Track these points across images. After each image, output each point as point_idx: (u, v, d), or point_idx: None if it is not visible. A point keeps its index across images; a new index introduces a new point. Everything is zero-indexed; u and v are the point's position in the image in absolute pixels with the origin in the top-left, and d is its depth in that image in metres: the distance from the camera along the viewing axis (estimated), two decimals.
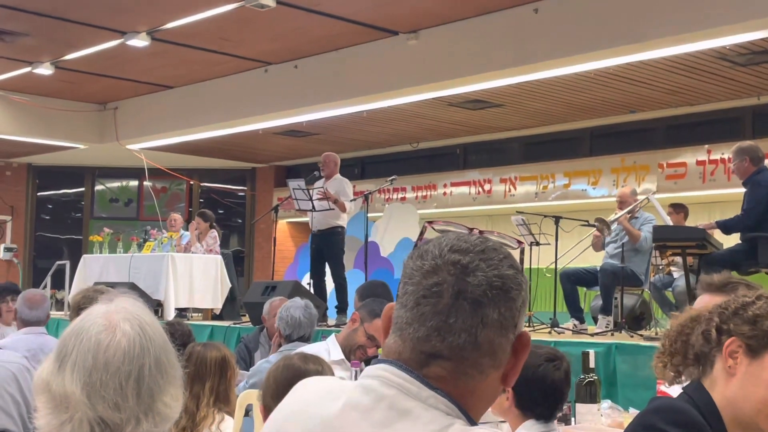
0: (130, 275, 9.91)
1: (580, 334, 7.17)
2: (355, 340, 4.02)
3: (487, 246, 1.25)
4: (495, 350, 1.22)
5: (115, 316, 1.45)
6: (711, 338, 1.80)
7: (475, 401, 1.23)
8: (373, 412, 1.19)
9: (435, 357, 1.21)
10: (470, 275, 1.21)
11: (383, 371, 1.23)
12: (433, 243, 1.26)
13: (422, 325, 1.21)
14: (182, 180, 16.42)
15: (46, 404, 1.42)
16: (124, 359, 1.41)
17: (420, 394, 1.19)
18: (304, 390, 1.32)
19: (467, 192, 13.36)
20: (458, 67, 9.58)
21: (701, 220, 8.36)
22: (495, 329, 1.21)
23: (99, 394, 1.38)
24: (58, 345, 1.45)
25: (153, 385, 1.42)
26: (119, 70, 11.93)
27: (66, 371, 1.39)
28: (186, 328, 4.93)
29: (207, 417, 3.39)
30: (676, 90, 10.15)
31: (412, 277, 1.24)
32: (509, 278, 1.23)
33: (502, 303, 1.21)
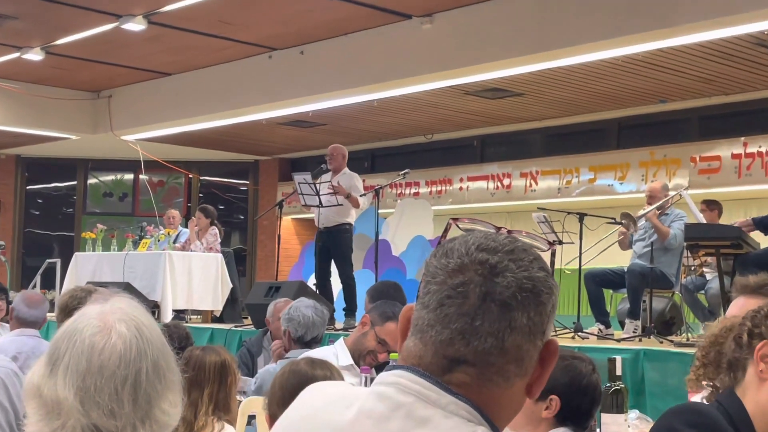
0: (125, 274, 9.94)
1: (605, 340, 7.16)
2: (365, 345, 4.01)
3: (517, 246, 1.24)
4: (522, 357, 1.21)
5: (111, 316, 1.44)
6: (743, 343, 1.83)
7: (499, 410, 1.23)
8: (388, 421, 1.19)
9: (459, 362, 1.20)
10: (499, 276, 1.20)
11: (399, 378, 1.22)
12: (459, 241, 1.26)
13: (445, 328, 1.20)
14: (180, 173, 16.46)
15: (37, 410, 1.41)
16: (119, 363, 1.40)
17: (440, 401, 1.19)
18: (314, 395, 1.32)
19: (485, 187, 13.34)
20: (476, 53, 9.56)
21: (736, 217, 8.32)
22: (523, 334, 1.20)
23: (93, 399, 1.38)
24: (50, 347, 1.45)
25: (150, 391, 1.42)
26: (114, 56, 11.96)
27: (58, 375, 1.39)
28: (184, 331, 4.94)
29: (206, 426, 3.40)
30: (710, 78, 10.11)
31: (435, 276, 1.23)
32: (540, 281, 1.22)
33: (532, 307, 1.21)
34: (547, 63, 9.41)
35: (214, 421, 3.44)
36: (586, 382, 2.59)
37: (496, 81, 10.34)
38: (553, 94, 11.07)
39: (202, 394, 3.41)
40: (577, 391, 2.55)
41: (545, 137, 13.04)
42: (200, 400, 3.40)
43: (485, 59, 9.52)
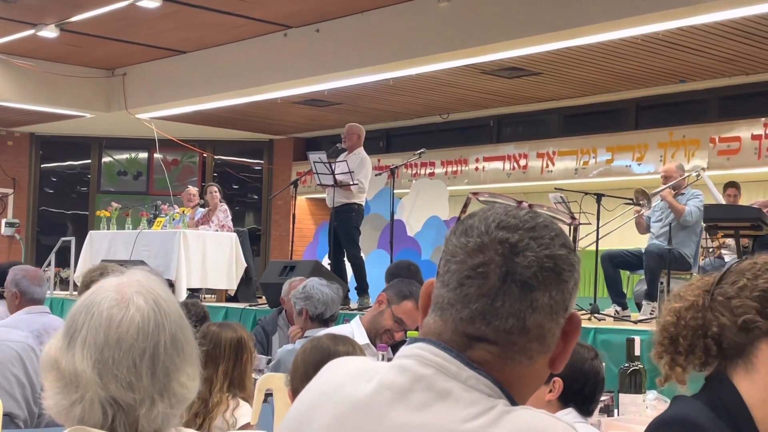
0: (140, 253, 9.98)
1: (622, 321, 7.15)
2: (382, 324, 4.02)
3: (538, 222, 1.23)
4: (544, 335, 1.21)
5: (128, 289, 1.45)
6: (752, 326, 1.72)
7: (522, 387, 1.23)
8: (409, 393, 1.19)
9: (479, 340, 1.20)
10: (519, 255, 1.20)
11: (420, 350, 1.22)
12: (479, 218, 1.25)
13: (465, 307, 1.20)
14: (195, 152, 16.48)
15: (54, 383, 1.43)
16: (138, 336, 1.40)
17: (460, 374, 1.19)
18: (335, 370, 1.32)
19: (501, 167, 13.30)
20: (493, 32, 9.51)
21: (756, 199, 8.28)
22: (545, 314, 1.20)
23: (111, 372, 1.39)
24: (68, 320, 1.46)
25: (169, 364, 1.42)
26: (129, 34, 11.96)
27: (76, 348, 1.40)
28: (202, 310, 4.97)
29: (221, 403, 3.41)
30: (731, 58, 10.02)
31: (455, 255, 1.23)
32: (561, 259, 1.22)
33: (554, 286, 1.21)
34: (565, 42, 9.35)
35: (229, 399, 3.46)
36: (588, 366, 2.68)
37: (514, 60, 10.29)
38: (571, 73, 11.00)
39: (216, 370, 3.42)
40: (578, 375, 2.64)
41: (562, 117, 12.98)
42: (215, 376, 3.41)
43: (502, 38, 9.47)
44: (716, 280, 1.80)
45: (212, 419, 3.34)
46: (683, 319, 1.78)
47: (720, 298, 1.76)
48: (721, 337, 1.74)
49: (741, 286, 1.75)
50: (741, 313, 1.73)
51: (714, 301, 1.77)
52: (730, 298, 1.75)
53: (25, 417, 3.61)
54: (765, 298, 1.72)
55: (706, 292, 1.79)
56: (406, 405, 1.18)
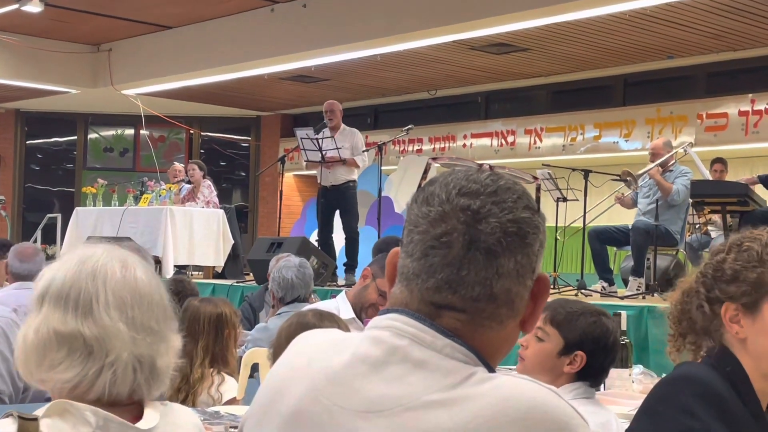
0: (126, 229, 9.94)
1: (609, 297, 7.17)
2: (367, 298, 4.00)
3: (500, 186, 1.21)
4: (513, 299, 1.20)
5: (119, 253, 1.55)
6: (707, 312, 1.78)
7: (494, 351, 1.22)
8: (385, 365, 1.17)
9: (447, 308, 1.19)
10: (482, 222, 1.18)
11: (393, 321, 1.21)
12: (439, 184, 1.22)
13: (431, 277, 1.19)
14: (181, 129, 16.41)
15: (68, 356, 1.45)
16: (151, 289, 1.53)
17: (435, 343, 1.17)
18: (306, 343, 1.30)
19: (489, 144, 13.30)
20: (481, 7, 9.47)
21: (743, 175, 8.30)
22: (511, 278, 1.19)
23: (143, 327, 1.49)
24: (65, 294, 1.48)
25: (169, 314, 1.55)
26: (114, 9, 11.86)
27: (99, 313, 1.46)
28: (193, 287, 4.97)
29: (205, 378, 3.40)
30: (719, 33, 10.01)
31: (417, 225, 1.21)
32: (525, 222, 1.20)
33: (519, 250, 1.19)
34: (553, 17, 9.32)
35: (213, 374, 3.45)
36: (613, 339, 2.56)
37: (502, 36, 10.26)
38: (559, 49, 10.98)
39: (196, 345, 3.41)
40: (603, 349, 2.52)
41: (550, 93, 12.97)
42: (195, 351, 3.40)
43: (490, 14, 9.43)
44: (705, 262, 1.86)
45: (196, 395, 3.33)
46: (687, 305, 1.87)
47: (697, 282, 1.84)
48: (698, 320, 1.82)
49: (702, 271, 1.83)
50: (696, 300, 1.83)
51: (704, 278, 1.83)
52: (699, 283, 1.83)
53: (10, 392, 3.60)
54: (709, 283, 1.80)
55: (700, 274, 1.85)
56: (382, 377, 1.17)
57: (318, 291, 6.81)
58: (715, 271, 1.78)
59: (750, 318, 1.74)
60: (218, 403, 3.32)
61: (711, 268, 1.79)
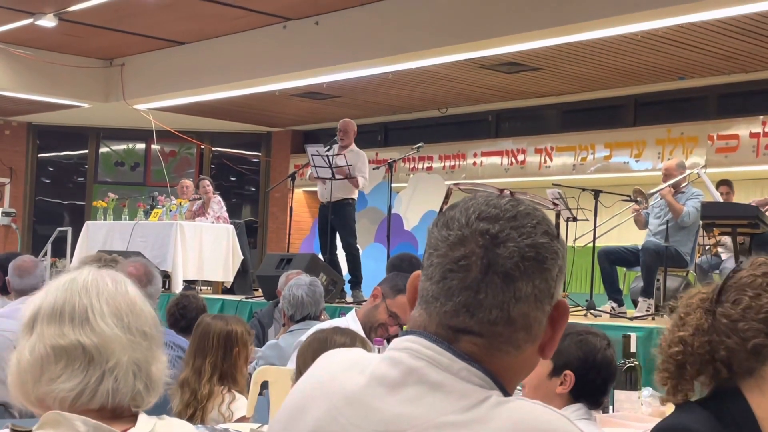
0: (136, 244, 9.97)
1: (618, 318, 7.15)
2: (377, 318, 4.00)
3: (519, 211, 1.22)
4: (530, 324, 1.21)
5: (107, 272, 1.62)
6: (763, 350, 1.67)
7: (511, 376, 1.23)
8: (401, 386, 1.18)
9: (464, 332, 1.20)
10: (500, 246, 1.19)
11: (412, 343, 1.22)
12: (460, 209, 1.24)
13: (449, 300, 1.20)
14: (192, 144, 16.45)
15: (67, 368, 1.48)
16: (141, 302, 1.59)
17: (452, 366, 1.18)
18: (327, 362, 1.32)
19: (499, 162, 13.29)
20: (492, 27, 9.49)
21: (753, 197, 8.28)
22: (529, 303, 1.20)
23: (139, 331, 1.54)
24: (58, 311, 1.53)
25: (159, 324, 1.62)
26: (127, 24, 11.93)
27: (96, 322, 1.51)
28: (201, 303, 4.98)
29: (214, 395, 3.41)
30: (731, 55, 10.01)
31: (437, 248, 1.23)
32: (543, 247, 1.21)
33: (537, 275, 1.20)
34: (564, 37, 9.34)
35: (224, 392, 3.45)
36: (601, 357, 2.56)
37: (513, 55, 10.27)
38: (570, 69, 10.99)
39: (204, 361, 3.43)
40: (591, 367, 2.54)
41: (561, 113, 12.97)
42: (203, 367, 3.41)
43: (502, 32, 9.45)
44: (715, 297, 1.74)
45: (205, 411, 3.34)
46: (690, 347, 1.73)
47: (724, 320, 1.71)
48: (731, 360, 1.69)
49: (745, 306, 1.69)
50: (750, 336, 1.68)
51: (718, 322, 1.71)
52: (736, 321, 1.69)
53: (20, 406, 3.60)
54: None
55: (707, 312, 1.74)
56: (399, 398, 1.18)
57: (327, 308, 6.81)
58: None
59: None
60: (229, 420, 3.32)
61: None
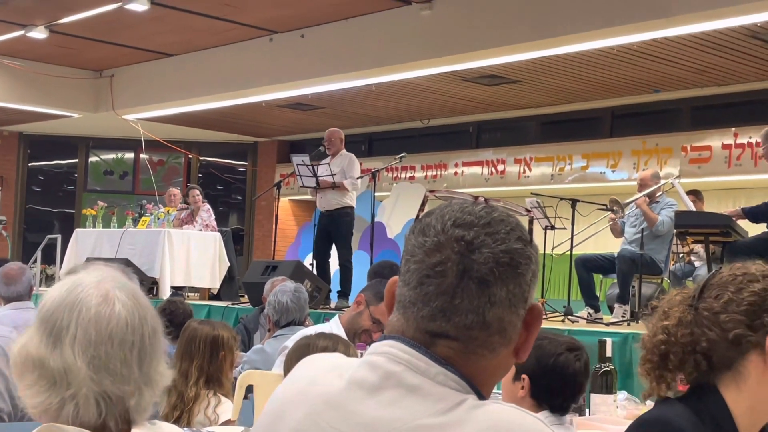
0: (125, 251, 9.94)
1: (595, 324, 7.17)
2: (360, 324, 4.00)
3: (493, 218, 1.23)
4: (505, 328, 1.22)
5: (108, 285, 1.47)
6: (744, 341, 1.71)
7: (486, 378, 1.23)
8: (380, 390, 1.19)
9: (441, 336, 1.21)
10: (475, 252, 1.20)
11: (390, 347, 1.22)
12: (436, 216, 1.25)
13: (426, 305, 1.21)
14: (180, 153, 16.42)
15: (37, 382, 1.42)
16: (126, 330, 1.44)
17: (429, 370, 1.19)
18: (308, 367, 1.32)
19: (479, 172, 13.33)
20: (473, 40, 9.53)
21: (726, 206, 8.33)
22: (504, 307, 1.21)
23: (106, 367, 1.41)
24: (47, 319, 1.45)
25: (152, 354, 1.47)
26: (117, 36, 11.91)
27: (65, 346, 1.41)
28: (187, 308, 4.98)
29: (200, 399, 3.41)
30: (703, 69, 10.09)
31: (414, 255, 1.23)
32: (517, 252, 1.22)
33: (511, 280, 1.21)
34: (543, 51, 9.39)
35: (209, 395, 3.45)
36: (553, 362, 2.56)
37: (493, 68, 10.31)
38: (549, 82, 11.04)
39: (191, 365, 3.43)
40: (543, 371, 2.54)
41: (540, 124, 13.02)
42: (190, 371, 3.41)
43: (483, 46, 9.49)
44: (697, 293, 1.78)
45: (192, 414, 3.33)
46: (673, 336, 1.76)
47: (706, 312, 1.75)
48: (711, 352, 1.73)
49: (726, 300, 1.73)
50: (731, 327, 1.71)
51: (699, 316, 1.75)
52: (717, 313, 1.73)
53: (9, 410, 3.58)
54: (752, 311, 1.71)
55: (690, 306, 1.78)
56: (378, 401, 1.18)
57: (312, 314, 6.81)
58: (762, 299, 1.71)
59: None
60: (215, 424, 3.32)
61: (752, 296, 1.72)
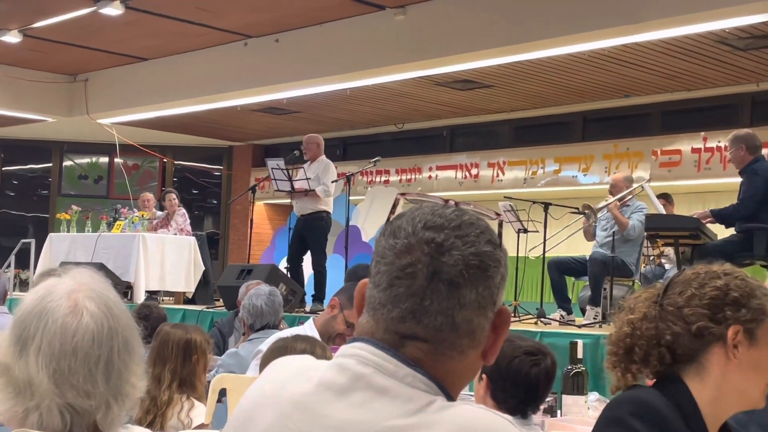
0: (99, 255, 9.86)
1: (567, 325, 7.20)
2: (334, 327, 4.00)
3: (464, 221, 1.23)
4: (473, 330, 1.22)
5: (79, 295, 1.41)
6: (706, 333, 1.76)
7: (455, 380, 1.23)
8: (349, 392, 1.19)
9: (410, 338, 1.20)
10: (446, 254, 1.20)
11: (359, 350, 1.22)
12: (406, 219, 1.25)
13: (396, 307, 1.21)
14: (155, 157, 16.32)
15: (5, 388, 1.38)
16: (93, 343, 1.38)
17: (398, 372, 1.19)
18: (277, 370, 1.31)
19: (453, 176, 13.36)
20: (447, 45, 9.55)
21: (695, 209, 8.39)
22: (473, 309, 1.21)
23: (68, 381, 1.36)
24: (17, 326, 1.41)
25: (122, 367, 1.40)
26: (91, 40, 11.82)
27: (30, 356, 1.36)
28: (162, 312, 4.96)
29: (174, 402, 3.38)
30: (673, 74, 10.17)
31: (384, 257, 1.23)
32: (487, 255, 1.22)
33: (480, 282, 1.21)
34: (516, 56, 9.42)
35: (183, 399, 3.42)
36: (507, 365, 2.57)
37: (467, 73, 10.34)
38: (522, 86, 11.09)
39: (164, 369, 3.40)
40: (499, 373, 2.55)
41: (513, 129, 13.07)
42: (163, 375, 3.39)
43: (456, 51, 9.51)
44: (662, 291, 1.84)
45: (165, 418, 3.31)
46: (638, 330, 1.82)
47: (670, 308, 1.80)
48: (675, 345, 1.78)
49: (690, 295, 1.79)
50: (694, 320, 1.77)
51: (664, 311, 1.81)
52: (681, 307, 1.79)
53: None
54: (714, 305, 1.77)
55: (655, 303, 1.83)
56: (347, 403, 1.18)
57: (286, 317, 6.79)
58: (724, 294, 1.77)
59: (747, 344, 1.76)
60: (188, 428, 3.29)
61: (714, 290, 1.77)
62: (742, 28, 8.28)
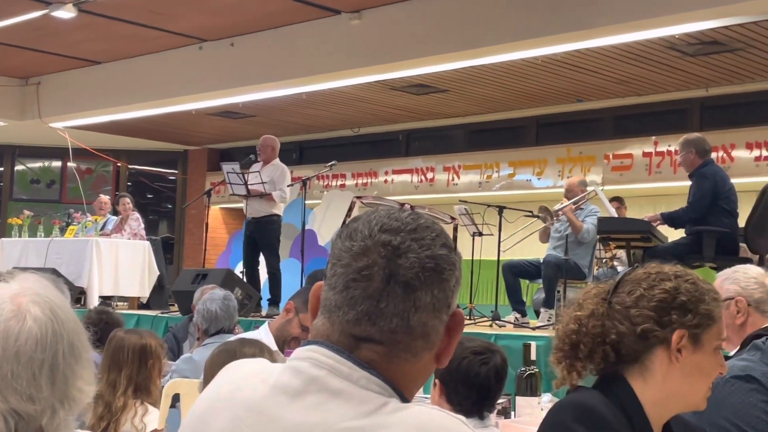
0: (52, 260, 9.73)
1: (521, 328, 7.25)
2: (289, 331, 3.97)
3: (420, 224, 1.24)
4: (428, 332, 1.22)
5: (23, 299, 1.37)
6: (651, 335, 1.76)
7: (408, 382, 1.24)
8: (303, 395, 1.19)
9: (365, 340, 1.21)
10: (402, 257, 1.20)
11: (313, 352, 1.22)
12: (363, 221, 1.25)
13: (352, 309, 1.21)
14: (109, 161, 16.13)
15: None
16: (36, 347, 1.34)
17: (352, 375, 1.19)
18: (230, 373, 1.31)
19: (409, 180, 13.39)
20: (402, 50, 9.58)
21: (646, 212, 8.50)
22: (428, 312, 1.21)
23: (11, 386, 1.32)
24: None
25: (68, 372, 1.37)
26: (43, 43, 11.66)
27: None
28: (118, 318, 4.90)
29: (128, 408, 3.35)
30: (624, 79, 10.30)
31: (341, 259, 1.23)
32: (442, 258, 1.22)
33: (435, 285, 1.21)
34: (470, 61, 9.48)
35: (137, 405, 3.39)
36: (456, 366, 2.57)
37: (421, 77, 10.38)
38: (476, 91, 11.15)
39: (120, 374, 3.37)
40: (450, 375, 2.56)
41: (467, 133, 13.14)
42: (118, 380, 3.35)
43: (411, 56, 9.54)
44: (612, 288, 1.84)
45: (118, 423, 3.28)
46: (584, 327, 1.82)
47: (618, 306, 1.80)
48: (620, 344, 1.78)
49: (638, 296, 1.79)
50: (640, 322, 1.77)
51: (612, 309, 1.81)
52: (629, 307, 1.79)
53: None
54: (661, 308, 1.77)
55: (604, 300, 1.83)
56: (301, 405, 1.18)
57: (242, 322, 6.74)
58: (671, 297, 1.77)
59: (691, 348, 1.76)
60: None
61: (662, 293, 1.76)
62: (692, 34, 8.42)
